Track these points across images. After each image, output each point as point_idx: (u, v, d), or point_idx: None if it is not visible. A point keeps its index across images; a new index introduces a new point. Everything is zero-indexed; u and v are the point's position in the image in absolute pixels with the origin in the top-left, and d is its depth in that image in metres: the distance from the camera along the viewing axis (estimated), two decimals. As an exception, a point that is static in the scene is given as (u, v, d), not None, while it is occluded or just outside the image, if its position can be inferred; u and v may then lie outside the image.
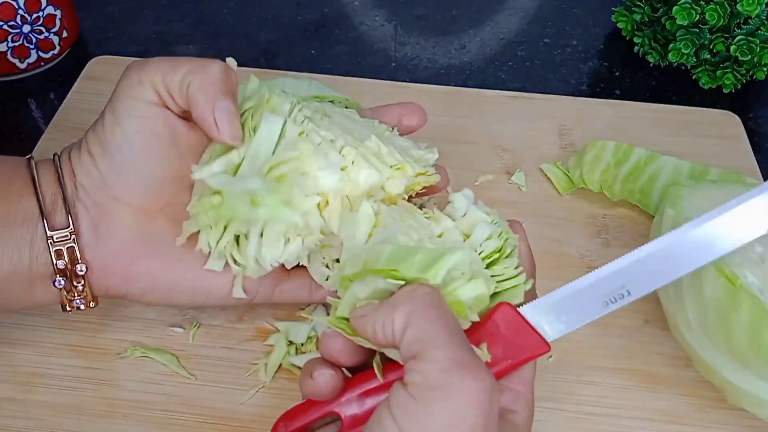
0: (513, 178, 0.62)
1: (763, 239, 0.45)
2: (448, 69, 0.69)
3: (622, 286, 0.38)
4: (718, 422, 0.48)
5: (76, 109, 0.65)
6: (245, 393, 0.48)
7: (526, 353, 0.37)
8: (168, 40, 0.76)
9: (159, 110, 0.43)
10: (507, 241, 0.42)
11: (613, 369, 0.50)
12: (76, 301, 0.44)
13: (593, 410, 0.48)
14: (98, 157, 0.43)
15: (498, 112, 0.67)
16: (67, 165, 0.44)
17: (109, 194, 0.43)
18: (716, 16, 0.67)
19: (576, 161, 0.61)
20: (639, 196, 0.58)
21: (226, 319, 0.51)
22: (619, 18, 0.77)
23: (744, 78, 0.71)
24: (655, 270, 0.39)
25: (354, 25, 0.80)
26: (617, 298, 0.38)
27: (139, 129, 0.42)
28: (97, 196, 0.43)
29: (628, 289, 0.38)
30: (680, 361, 0.50)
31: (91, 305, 0.45)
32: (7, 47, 0.68)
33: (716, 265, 0.42)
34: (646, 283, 0.39)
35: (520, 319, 0.38)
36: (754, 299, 0.41)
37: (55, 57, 0.71)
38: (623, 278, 0.38)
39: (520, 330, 0.37)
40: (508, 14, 0.82)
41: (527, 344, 0.37)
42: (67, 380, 0.48)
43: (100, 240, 0.43)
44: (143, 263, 0.44)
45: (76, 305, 0.44)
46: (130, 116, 0.42)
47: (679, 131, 0.66)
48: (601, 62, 0.77)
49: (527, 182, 0.61)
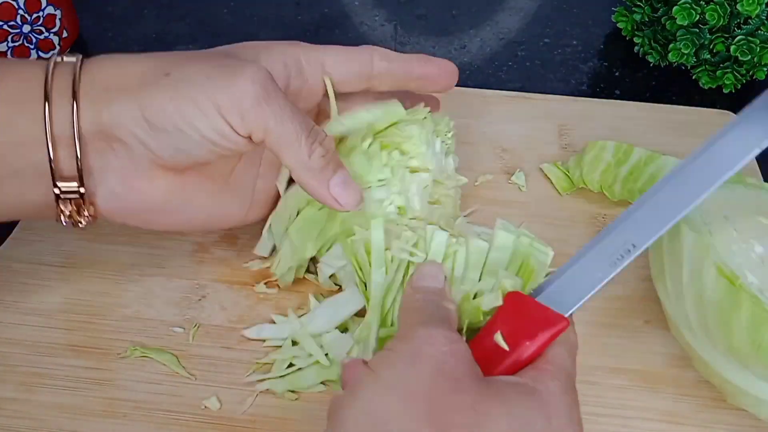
0: (513, 178, 0.62)
1: (763, 239, 0.45)
2: (448, 69, 0.69)
3: (626, 242, 0.39)
4: (718, 422, 0.48)
5: (76, 109, 0.65)
6: (245, 393, 0.48)
7: (544, 331, 0.37)
8: (168, 40, 0.76)
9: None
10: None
11: (613, 369, 0.50)
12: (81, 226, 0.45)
13: (593, 410, 0.48)
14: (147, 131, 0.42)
15: (498, 112, 0.67)
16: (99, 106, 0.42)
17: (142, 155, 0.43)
18: (716, 16, 0.67)
19: (576, 161, 0.61)
20: (639, 196, 0.58)
21: (226, 319, 0.51)
22: (619, 18, 0.77)
23: (744, 78, 0.71)
24: (654, 218, 0.39)
25: (354, 25, 0.80)
26: (624, 254, 0.38)
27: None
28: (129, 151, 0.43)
29: (633, 243, 0.39)
30: (680, 361, 0.50)
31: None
32: (7, 47, 0.68)
33: (716, 265, 0.42)
34: (649, 232, 0.39)
35: (531, 301, 0.38)
36: (754, 299, 0.41)
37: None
38: (625, 235, 0.39)
39: (532, 311, 0.37)
40: (508, 14, 0.82)
41: (542, 323, 0.37)
42: (67, 380, 0.48)
43: (118, 198, 0.44)
44: (161, 220, 0.46)
45: (73, 222, 0.45)
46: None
47: (679, 131, 0.66)
48: (601, 62, 0.77)
49: (527, 182, 0.61)
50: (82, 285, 0.53)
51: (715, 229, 0.45)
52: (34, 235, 0.55)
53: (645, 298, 0.53)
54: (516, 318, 0.37)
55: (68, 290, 0.52)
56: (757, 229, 0.46)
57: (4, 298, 0.52)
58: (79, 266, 0.54)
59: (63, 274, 0.53)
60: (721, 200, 0.48)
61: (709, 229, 0.45)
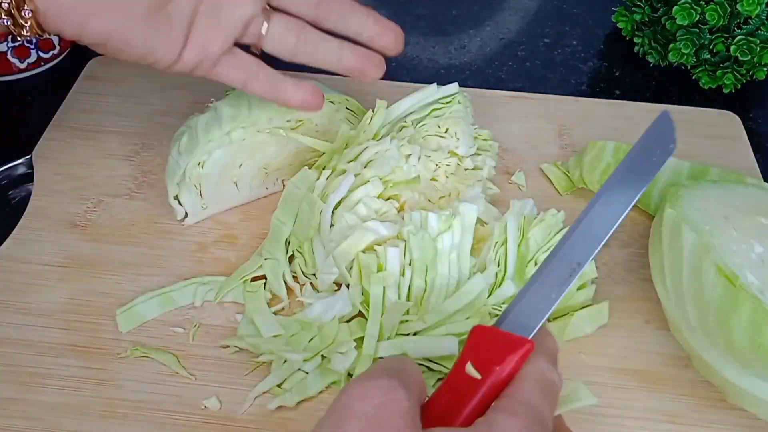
0: (513, 178, 0.62)
1: (763, 239, 0.45)
2: (448, 69, 0.69)
3: (571, 261, 0.40)
4: (718, 422, 0.48)
5: (76, 109, 0.65)
6: (245, 393, 0.48)
7: (511, 355, 0.37)
8: (168, 40, 0.76)
9: None
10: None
11: (613, 369, 0.50)
12: (25, 33, 0.44)
13: (593, 410, 0.48)
14: None
15: (498, 112, 0.67)
16: None
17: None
18: (716, 16, 0.67)
19: (576, 161, 0.61)
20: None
21: (226, 319, 0.51)
22: (619, 18, 0.77)
23: (744, 78, 0.71)
24: (591, 237, 0.40)
25: (354, 25, 0.80)
26: (572, 273, 0.39)
27: None
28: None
29: (577, 261, 0.40)
30: (680, 361, 0.50)
31: (42, 36, 0.45)
32: (7, 47, 0.68)
33: (716, 265, 0.42)
34: (589, 250, 0.40)
35: (494, 330, 0.38)
36: (754, 299, 0.41)
37: (55, 57, 0.71)
38: (571, 256, 0.40)
39: (497, 339, 0.38)
40: (508, 14, 0.82)
41: (508, 347, 0.37)
42: (67, 380, 0.48)
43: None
44: (97, 23, 0.45)
45: (25, 36, 0.44)
46: None
47: (679, 131, 0.66)
48: (601, 62, 0.77)
49: (527, 182, 0.61)
50: (82, 285, 0.53)
51: (715, 229, 0.45)
52: (34, 235, 0.55)
53: (645, 298, 0.53)
54: (483, 348, 0.38)
55: (68, 290, 0.52)
56: (757, 229, 0.46)
57: (4, 298, 0.52)
58: (79, 266, 0.54)
59: (63, 274, 0.53)
60: (721, 200, 0.48)
61: (709, 229, 0.45)
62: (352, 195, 0.52)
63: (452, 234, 0.50)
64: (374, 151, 0.53)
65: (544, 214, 0.52)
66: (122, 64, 0.47)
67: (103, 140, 0.62)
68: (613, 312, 0.52)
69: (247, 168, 0.56)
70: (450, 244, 0.50)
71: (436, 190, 0.55)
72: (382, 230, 0.51)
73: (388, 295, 0.48)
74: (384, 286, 0.48)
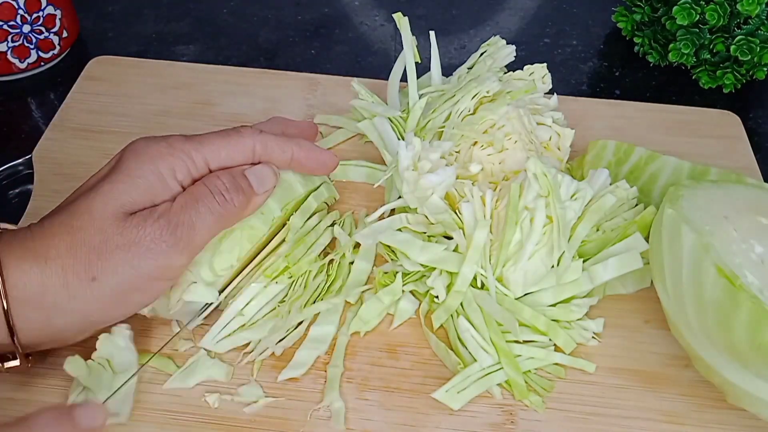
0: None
1: (763, 239, 0.45)
2: (448, 69, 0.69)
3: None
4: (718, 422, 0.48)
5: (76, 109, 0.65)
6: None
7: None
8: (168, 40, 0.76)
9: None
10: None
11: (613, 369, 0.50)
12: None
13: (593, 410, 0.48)
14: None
15: (498, 112, 0.67)
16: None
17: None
18: (716, 16, 0.67)
19: (577, 161, 0.61)
20: (639, 196, 0.58)
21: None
22: (619, 18, 0.77)
23: (744, 78, 0.71)
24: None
25: (354, 25, 0.80)
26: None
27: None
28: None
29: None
30: (680, 361, 0.50)
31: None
32: (7, 47, 0.68)
33: (716, 266, 0.42)
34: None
35: None
36: (754, 299, 0.41)
37: (55, 57, 0.71)
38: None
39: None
40: (508, 14, 0.82)
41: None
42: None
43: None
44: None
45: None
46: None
47: (679, 131, 0.66)
48: (601, 62, 0.77)
49: (527, 182, 0.61)
50: (82, 285, 0.53)
51: (715, 229, 0.45)
52: (34, 235, 0.55)
53: (645, 298, 0.53)
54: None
55: (68, 290, 0.52)
56: (757, 229, 0.46)
57: (4, 298, 0.52)
58: (79, 266, 0.54)
59: (63, 274, 0.53)
60: (721, 200, 0.48)
61: (709, 229, 0.45)
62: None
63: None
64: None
65: (616, 186, 0.53)
66: (122, 63, 0.47)
67: (103, 140, 0.62)
68: (613, 312, 0.53)
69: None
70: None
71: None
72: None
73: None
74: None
